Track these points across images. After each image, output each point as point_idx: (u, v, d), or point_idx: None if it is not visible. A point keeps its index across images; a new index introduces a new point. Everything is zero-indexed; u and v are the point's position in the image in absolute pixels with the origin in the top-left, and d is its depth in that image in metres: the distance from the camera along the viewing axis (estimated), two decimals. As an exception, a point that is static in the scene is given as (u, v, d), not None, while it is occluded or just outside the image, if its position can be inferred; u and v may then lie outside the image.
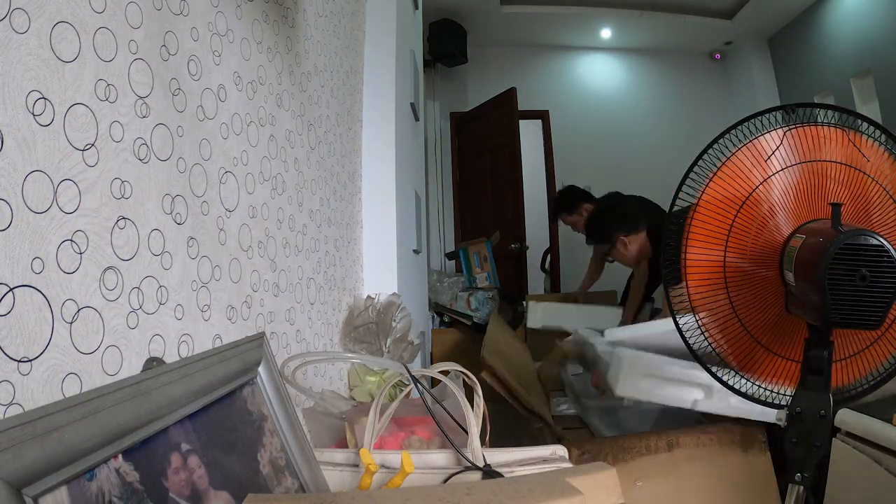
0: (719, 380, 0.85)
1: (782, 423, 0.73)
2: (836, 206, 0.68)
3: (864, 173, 0.77)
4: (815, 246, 0.67)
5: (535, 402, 1.13)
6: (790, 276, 0.72)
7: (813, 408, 0.70)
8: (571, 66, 5.08)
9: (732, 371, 0.83)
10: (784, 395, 0.80)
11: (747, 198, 0.79)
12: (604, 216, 2.25)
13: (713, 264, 0.80)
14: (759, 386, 0.82)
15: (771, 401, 0.81)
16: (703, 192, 0.81)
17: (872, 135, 0.80)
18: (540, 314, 2.42)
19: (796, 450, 0.71)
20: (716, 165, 0.82)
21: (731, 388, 0.85)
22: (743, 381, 0.83)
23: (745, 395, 0.83)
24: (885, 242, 0.63)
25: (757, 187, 0.79)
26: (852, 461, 1.03)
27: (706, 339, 0.81)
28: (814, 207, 0.78)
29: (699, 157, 0.84)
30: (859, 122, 0.80)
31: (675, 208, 0.83)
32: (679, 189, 0.85)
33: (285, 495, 0.55)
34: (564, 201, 2.84)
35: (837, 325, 0.68)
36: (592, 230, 2.29)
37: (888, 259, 0.62)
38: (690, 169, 0.85)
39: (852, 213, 0.77)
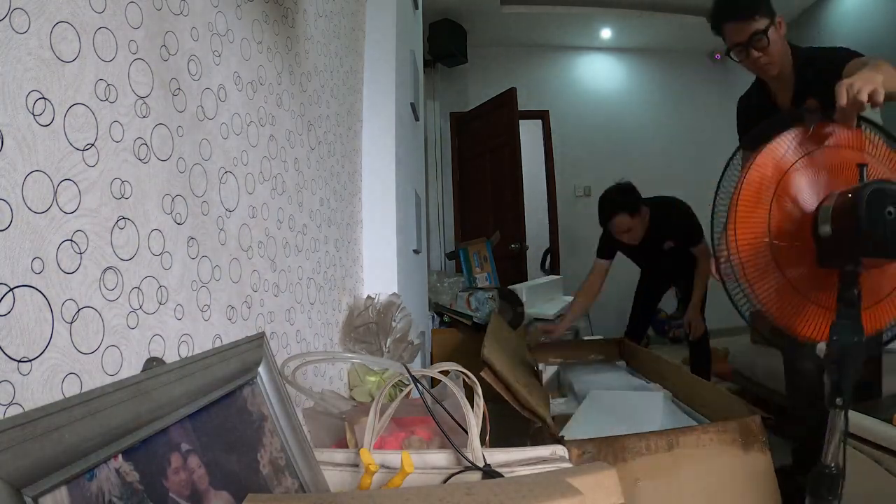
0: (763, 336, 0.92)
1: (822, 354, 0.82)
2: (861, 166, 0.81)
3: (870, 155, 0.87)
4: (848, 197, 0.79)
5: (535, 402, 1.13)
6: (826, 229, 0.82)
7: (848, 335, 0.79)
8: (571, 66, 5.08)
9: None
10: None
11: (789, 168, 0.88)
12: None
13: (758, 226, 0.88)
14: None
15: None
16: (745, 174, 0.89)
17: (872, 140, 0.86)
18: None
19: (836, 373, 0.80)
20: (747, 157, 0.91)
21: (770, 340, 0.92)
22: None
23: (787, 340, 0.89)
24: None
25: (798, 160, 0.88)
26: (852, 461, 1.03)
27: (752, 297, 0.88)
28: (842, 182, 0.87)
29: (735, 152, 0.95)
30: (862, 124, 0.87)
31: (721, 190, 0.93)
32: (722, 176, 0.95)
33: (285, 495, 0.55)
34: (628, 198, 2.38)
35: (872, 255, 0.78)
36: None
37: None
38: (730, 160, 0.95)
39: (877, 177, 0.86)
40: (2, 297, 0.34)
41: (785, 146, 0.89)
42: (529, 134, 4.63)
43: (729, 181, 0.94)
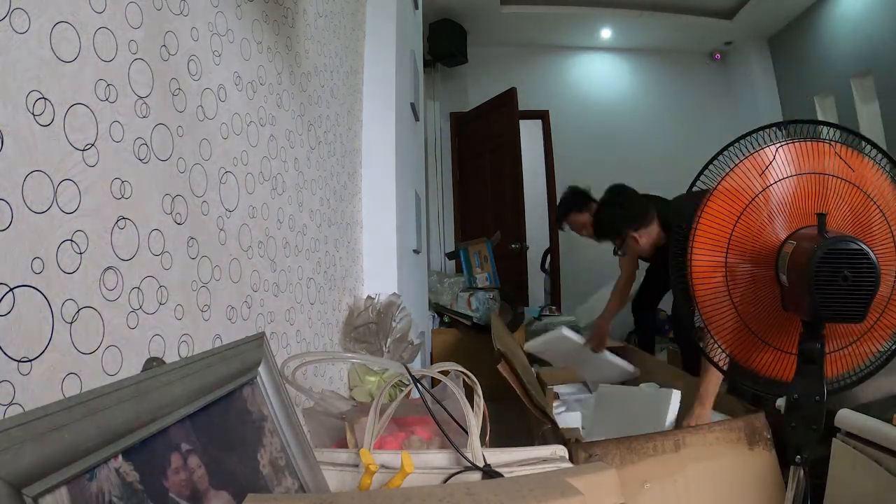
0: (723, 371, 0.89)
1: (782, 410, 0.79)
2: (820, 216, 0.76)
3: (849, 182, 0.83)
4: (803, 252, 0.75)
5: (544, 403, 1.14)
6: (784, 279, 0.79)
7: (809, 394, 0.77)
8: (571, 66, 5.08)
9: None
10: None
11: (746, 206, 0.83)
12: (612, 210, 2.17)
13: (715, 265, 0.83)
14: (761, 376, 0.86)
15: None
16: (706, 201, 0.85)
17: (867, 151, 0.84)
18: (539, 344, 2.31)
19: (796, 433, 0.77)
20: (720, 175, 0.86)
21: (739, 379, 0.88)
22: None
23: (750, 385, 0.87)
24: (863, 246, 0.70)
25: (754, 198, 0.83)
26: (852, 461, 1.03)
27: (712, 336, 0.85)
28: (807, 214, 0.84)
29: (702, 170, 0.88)
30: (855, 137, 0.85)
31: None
32: (686, 196, 0.88)
33: (285, 495, 0.55)
34: (574, 199, 2.63)
35: (826, 321, 0.75)
36: (600, 226, 2.19)
37: (867, 261, 0.70)
38: (693, 183, 0.89)
39: (840, 218, 0.83)
40: (2, 297, 0.34)
41: (749, 173, 0.83)
42: (529, 134, 4.63)
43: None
